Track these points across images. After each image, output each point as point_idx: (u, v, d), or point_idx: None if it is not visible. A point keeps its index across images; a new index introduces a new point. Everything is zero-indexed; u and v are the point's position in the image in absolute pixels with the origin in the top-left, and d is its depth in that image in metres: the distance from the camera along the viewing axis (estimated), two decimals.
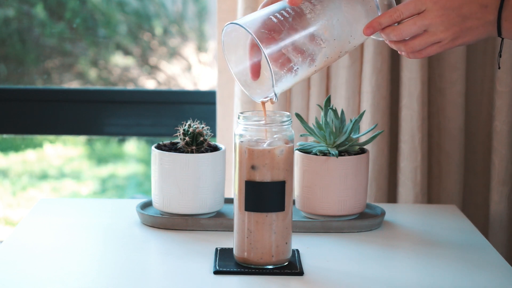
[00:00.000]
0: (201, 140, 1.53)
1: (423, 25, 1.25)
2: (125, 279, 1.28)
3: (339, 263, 1.36)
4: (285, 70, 1.25)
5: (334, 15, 1.28)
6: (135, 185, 2.67)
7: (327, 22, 1.27)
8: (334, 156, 1.51)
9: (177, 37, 2.48)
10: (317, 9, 1.27)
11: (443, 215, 1.65)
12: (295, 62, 1.26)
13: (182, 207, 1.52)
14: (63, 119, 2.23)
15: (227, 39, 1.29)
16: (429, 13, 1.25)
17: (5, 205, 2.58)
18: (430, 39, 1.26)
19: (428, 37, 1.26)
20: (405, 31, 1.26)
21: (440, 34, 1.26)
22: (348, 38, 1.29)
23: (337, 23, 1.28)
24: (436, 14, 1.25)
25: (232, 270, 1.30)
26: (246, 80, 1.31)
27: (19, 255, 1.36)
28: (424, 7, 1.25)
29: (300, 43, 1.26)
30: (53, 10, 2.42)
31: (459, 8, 1.24)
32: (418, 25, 1.26)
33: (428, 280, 1.29)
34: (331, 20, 1.27)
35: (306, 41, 1.26)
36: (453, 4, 1.24)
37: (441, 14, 1.25)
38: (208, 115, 2.16)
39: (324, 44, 1.27)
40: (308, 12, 1.27)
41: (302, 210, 1.55)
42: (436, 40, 1.26)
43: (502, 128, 1.84)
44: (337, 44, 1.28)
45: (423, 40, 1.27)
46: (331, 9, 1.27)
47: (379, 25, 1.27)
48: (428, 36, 1.26)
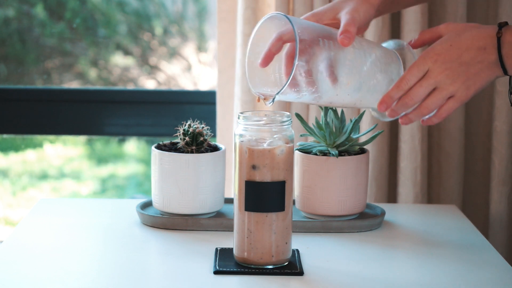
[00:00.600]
0: (201, 140, 1.53)
1: (429, 85, 1.27)
2: (125, 279, 1.28)
3: (339, 263, 1.36)
4: (295, 89, 1.27)
5: (364, 78, 1.30)
6: (135, 185, 2.67)
7: (355, 81, 1.29)
8: (334, 156, 1.51)
9: (177, 37, 2.48)
10: (356, 62, 1.29)
11: (443, 215, 1.65)
12: (306, 89, 1.27)
13: (182, 207, 1.52)
14: (63, 119, 2.23)
15: (268, 21, 1.29)
16: (433, 71, 1.27)
17: (5, 205, 2.58)
18: (441, 94, 1.28)
19: (439, 93, 1.28)
20: (415, 95, 1.28)
21: (449, 87, 1.27)
22: (358, 101, 1.31)
23: (362, 85, 1.30)
24: (439, 70, 1.26)
25: (232, 270, 1.30)
26: (253, 62, 1.32)
27: (19, 255, 1.36)
28: (426, 67, 1.27)
29: (323, 78, 1.27)
30: (53, 10, 2.42)
31: (459, 58, 1.25)
32: (425, 85, 1.27)
33: (428, 280, 1.29)
34: (358, 81, 1.29)
35: (328, 81, 1.28)
36: (452, 55, 1.26)
37: (444, 68, 1.26)
38: (208, 115, 2.16)
39: (338, 92, 1.29)
40: (348, 60, 1.29)
41: (302, 210, 1.55)
42: (447, 94, 1.27)
43: (502, 128, 1.84)
44: (347, 99, 1.31)
45: (435, 97, 1.28)
46: (365, 72, 1.29)
47: (390, 99, 1.29)
48: (439, 92, 1.28)
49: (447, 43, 1.26)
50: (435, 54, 1.27)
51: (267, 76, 1.33)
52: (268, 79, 1.33)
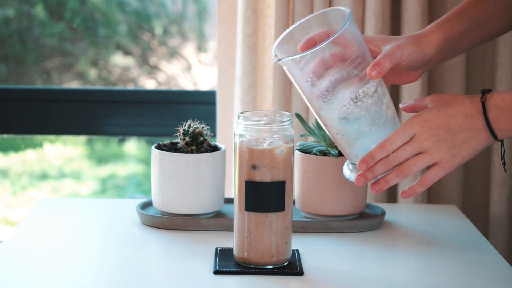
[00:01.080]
0: (201, 140, 1.53)
1: (414, 149, 1.25)
2: (125, 279, 1.28)
3: (339, 263, 1.36)
4: (302, 70, 1.25)
5: (361, 116, 1.27)
6: (135, 185, 2.67)
7: (352, 112, 1.27)
8: (334, 156, 1.51)
9: (177, 37, 2.48)
10: (366, 97, 1.27)
11: (443, 215, 1.65)
12: (310, 79, 1.26)
13: (182, 207, 1.52)
14: (63, 119, 2.23)
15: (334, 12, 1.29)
16: (419, 137, 1.25)
17: (5, 205, 2.58)
18: (425, 159, 1.25)
19: (422, 157, 1.25)
20: (397, 156, 1.25)
21: (434, 153, 1.25)
22: (341, 134, 1.28)
23: (355, 121, 1.27)
24: (426, 136, 1.25)
25: (232, 270, 1.30)
26: (294, 35, 1.31)
27: (19, 255, 1.36)
28: (413, 132, 1.25)
29: (329, 82, 1.26)
30: (53, 10, 2.42)
31: (446, 124, 1.25)
32: (409, 149, 1.25)
33: (428, 280, 1.29)
34: (355, 114, 1.26)
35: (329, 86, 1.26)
36: (439, 122, 1.25)
37: (431, 135, 1.25)
38: (208, 115, 2.16)
39: (331, 107, 1.26)
40: (362, 90, 1.27)
41: (302, 210, 1.55)
42: (432, 159, 1.25)
43: None
44: (333, 123, 1.27)
45: (418, 159, 1.26)
46: (368, 112, 1.27)
47: (372, 158, 1.26)
48: (423, 156, 1.26)
49: (435, 109, 1.25)
50: (422, 119, 1.25)
51: (294, 51, 1.31)
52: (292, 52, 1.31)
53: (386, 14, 1.84)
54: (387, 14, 1.84)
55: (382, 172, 1.27)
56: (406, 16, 1.83)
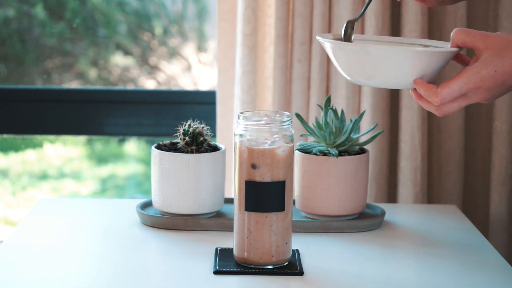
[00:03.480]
0: (201, 140, 1.53)
1: (464, 104, 1.23)
2: (125, 279, 1.28)
3: (339, 263, 1.36)
4: None
5: None
6: (135, 185, 2.67)
7: None
8: (334, 156, 1.51)
9: (177, 37, 2.48)
10: None
11: (443, 215, 1.65)
12: None
13: (182, 207, 1.52)
14: (63, 119, 2.23)
15: None
16: (472, 97, 1.22)
17: (5, 205, 2.58)
18: (465, 103, 1.23)
19: (465, 101, 1.23)
20: (449, 109, 1.23)
21: (479, 100, 1.23)
22: None
23: None
24: (480, 96, 1.22)
25: (232, 270, 1.30)
26: None
27: (19, 255, 1.36)
28: (467, 92, 1.21)
29: None
30: (53, 10, 2.42)
31: (504, 84, 1.21)
32: (458, 105, 1.23)
33: (428, 280, 1.29)
34: None
35: None
36: (497, 82, 1.20)
37: (486, 94, 1.21)
38: (208, 115, 2.16)
39: None
40: None
41: (302, 210, 1.55)
42: (472, 102, 1.24)
43: (502, 128, 1.84)
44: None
45: (459, 104, 1.23)
46: None
47: (416, 92, 1.24)
48: (466, 100, 1.23)
49: (491, 67, 1.20)
50: (480, 79, 1.20)
51: None
52: None
53: (386, 14, 1.84)
54: (387, 14, 1.84)
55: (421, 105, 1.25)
56: (406, 16, 1.83)
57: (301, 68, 1.87)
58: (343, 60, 1.26)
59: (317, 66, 1.85)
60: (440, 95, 1.21)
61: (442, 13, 1.85)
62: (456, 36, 1.23)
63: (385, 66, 1.23)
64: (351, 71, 1.26)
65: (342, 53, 1.25)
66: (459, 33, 1.22)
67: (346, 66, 1.26)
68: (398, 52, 1.22)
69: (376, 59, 1.23)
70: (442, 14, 1.85)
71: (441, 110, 1.24)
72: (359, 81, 1.27)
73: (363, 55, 1.23)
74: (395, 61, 1.22)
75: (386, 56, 1.22)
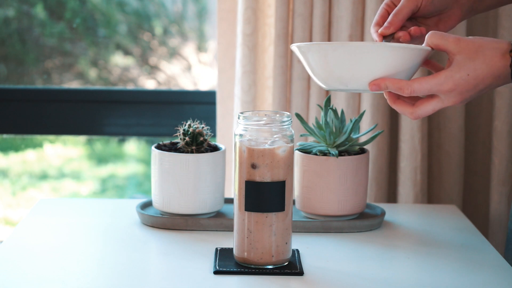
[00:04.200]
0: (201, 140, 1.53)
1: (437, 108, 1.24)
2: (125, 279, 1.28)
3: (339, 263, 1.36)
4: None
5: None
6: (135, 185, 2.67)
7: None
8: (334, 156, 1.51)
9: (177, 37, 2.48)
10: None
11: (443, 215, 1.65)
12: None
13: (182, 207, 1.52)
14: (63, 119, 2.23)
15: None
16: (445, 100, 1.23)
17: (5, 205, 2.58)
18: (438, 106, 1.24)
19: (439, 105, 1.24)
20: (423, 112, 1.24)
21: (452, 103, 1.24)
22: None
23: None
24: (453, 100, 1.23)
25: (232, 270, 1.30)
26: None
27: (19, 255, 1.36)
28: (438, 93, 1.23)
29: None
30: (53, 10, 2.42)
31: (476, 87, 1.22)
32: (431, 107, 1.23)
33: (428, 280, 1.29)
34: None
35: None
36: (469, 86, 1.22)
37: (459, 98, 1.22)
38: (208, 115, 2.16)
39: None
40: None
41: (302, 210, 1.55)
42: (445, 106, 1.24)
43: (502, 128, 1.84)
44: None
45: (430, 106, 1.24)
46: None
47: (385, 87, 1.24)
48: (439, 103, 1.24)
49: (464, 71, 1.21)
50: (453, 83, 1.21)
51: None
52: None
53: None
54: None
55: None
56: None
57: (301, 68, 1.87)
58: (313, 63, 1.25)
59: None
60: (410, 87, 1.22)
61: None
62: (430, 39, 1.23)
63: (354, 62, 1.22)
64: (323, 74, 1.25)
65: (310, 55, 1.25)
66: (433, 36, 1.23)
67: (317, 69, 1.26)
68: (368, 47, 1.22)
69: (345, 56, 1.22)
70: None
71: (415, 113, 1.25)
72: (332, 85, 1.26)
73: (331, 52, 1.22)
74: (366, 57, 1.22)
75: (355, 52, 1.22)
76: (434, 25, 1.37)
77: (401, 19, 1.33)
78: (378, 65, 1.22)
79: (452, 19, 1.38)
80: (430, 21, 1.38)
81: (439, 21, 1.38)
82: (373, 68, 1.22)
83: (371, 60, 1.22)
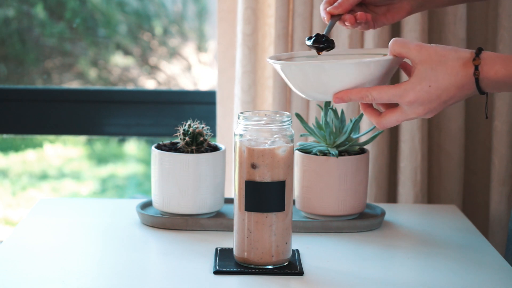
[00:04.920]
0: (201, 140, 1.53)
1: (400, 120, 1.23)
2: (125, 279, 1.28)
3: (339, 263, 1.36)
4: None
5: None
6: (135, 185, 2.67)
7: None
8: (334, 156, 1.51)
9: (177, 37, 2.48)
10: None
11: (443, 215, 1.65)
12: None
13: (182, 207, 1.52)
14: (63, 119, 2.23)
15: None
16: (408, 112, 1.22)
17: (5, 205, 2.58)
18: (402, 117, 1.23)
19: (402, 116, 1.23)
20: (387, 122, 1.24)
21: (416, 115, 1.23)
22: None
23: None
24: (416, 111, 1.22)
25: (232, 270, 1.30)
26: None
27: (19, 255, 1.36)
28: (400, 104, 1.22)
29: None
30: (53, 10, 2.42)
31: (439, 98, 1.21)
32: (395, 119, 1.23)
33: (428, 280, 1.29)
34: None
35: None
36: (431, 97, 1.21)
37: (422, 109, 1.22)
38: (208, 115, 2.16)
39: None
40: None
41: (302, 210, 1.55)
42: (412, 118, 1.24)
43: (502, 128, 1.84)
44: None
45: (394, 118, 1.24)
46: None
47: (349, 99, 1.24)
48: (403, 115, 1.23)
49: (426, 83, 1.20)
50: (414, 95, 1.20)
51: None
52: None
53: None
54: None
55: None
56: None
57: None
58: (283, 76, 1.27)
59: None
60: (370, 94, 1.22)
61: (442, 13, 1.85)
62: (392, 47, 1.23)
63: (317, 79, 1.23)
64: (293, 87, 1.27)
65: (279, 70, 1.27)
66: (394, 43, 1.23)
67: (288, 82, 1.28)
68: (328, 66, 1.22)
69: (309, 73, 1.23)
70: (442, 14, 1.85)
71: (380, 123, 1.25)
72: (308, 97, 1.28)
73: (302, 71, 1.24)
74: (327, 74, 1.23)
75: (317, 70, 1.23)
76: (382, 14, 1.39)
77: (351, 2, 1.35)
78: (342, 80, 1.23)
79: (400, 11, 1.39)
80: (379, 9, 1.39)
81: (388, 11, 1.39)
82: (337, 84, 1.23)
83: (333, 77, 1.23)
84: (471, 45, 1.88)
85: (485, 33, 1.88)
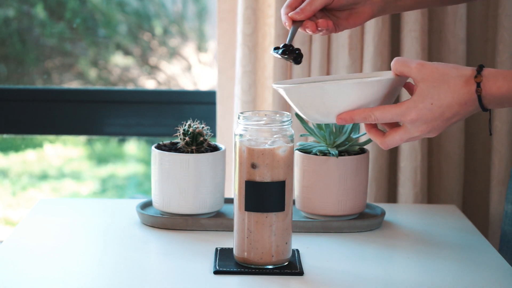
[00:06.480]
0: (201, 140, 1.53)
1: (407, 138, 1.23)
2: (125, 279, 1.28)
3: (339, 263, 1.36)
4: None
5: None
6: (135, 185, 2.67)
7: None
8: (334, 156, 1.51)
9: (177, 37, 2.48)
10: None
11: (443, 215, 1.65)
12: None
13: (182, 207, 1.52)
14: (63, 119, 2.23)
15: None
16: (411, 130, 1.22)
17: (5, 205, 2.58)
18: (406, 136, 1.23)
19: (406, 135, 1.23)
20: (391, 142, 1.24)
21: (420, 133, 1.23)
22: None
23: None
24: (419, 129, 1.22)
25: (232, 270, 1.30)
26: None
27: (19, 255, 1.36)
28: (403, 123, 1.22)
29: None
30: (53, 10, 2.42)
31: (442, 116, 1.21)
32: (399, 139, 1.23)
33: (428, 280, 1.29)
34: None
35: None
36: (434, 115, 1.21)
37: (425, 127, 1.22)
38: (208, 115, 2.16)
39: None
40: None
41: (302, 210, 1.55)
42: (416, 137, 1.24)
43: (502, 128, 1.84)
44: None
45: (400, 137, 1.24)
46: None
47: (352, 120, 1.24)
48: (406, 134, 1.23)
49: (428, 101, 1.20)
50: (416, 113, 1.20)
51: None
52: None
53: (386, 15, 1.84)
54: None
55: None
56: (406, 16, 1.83)
57: (301, 68, 1.87)
58: (286, 99, 1.27)
59: (317, 66, 1.85)
60: (373, 114, 1.22)
61: (442, 13, 1.85)
62: (394, 66, 1.23)
63: (320, 101, 1.23)
64: (296, 109, 1.27)
65: (281, 93, 1.27)
66: (396, 63, 1.23)
67: (291, 104, 1.28)
68: (329, 87, 1.22)
69: (311, 95, 1.23)
70: (442, 14, 1.85)
71: (385, 143, 1.25)
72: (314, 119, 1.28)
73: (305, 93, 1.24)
74: (329, 95, 1.23)
75: (319, 92, 1.23)
76: (344, 19, 1.39)
77: (313, 9, 1.35)
78: (344, 101, 1.23)
79: (362, 15, 1.39)
80: (341, 14, 1.39)
81: (350, 16, 1.39)
82: (339, 105, 1.23)
83: (335, 98, 1.23)
84: (471, 45, 1.88)
85: (485, 33, 1.88)
